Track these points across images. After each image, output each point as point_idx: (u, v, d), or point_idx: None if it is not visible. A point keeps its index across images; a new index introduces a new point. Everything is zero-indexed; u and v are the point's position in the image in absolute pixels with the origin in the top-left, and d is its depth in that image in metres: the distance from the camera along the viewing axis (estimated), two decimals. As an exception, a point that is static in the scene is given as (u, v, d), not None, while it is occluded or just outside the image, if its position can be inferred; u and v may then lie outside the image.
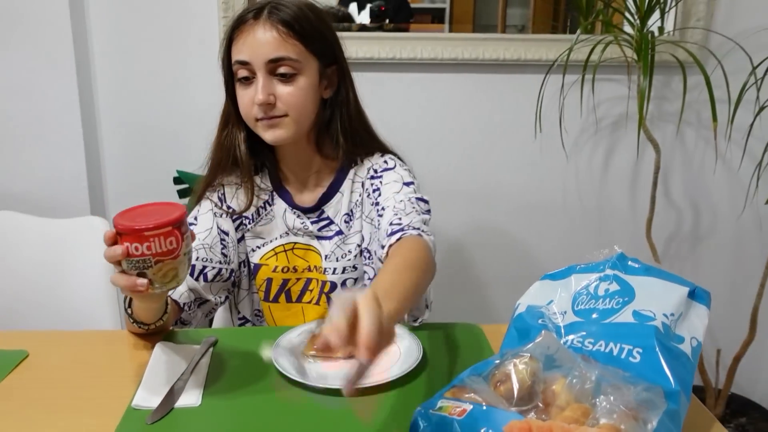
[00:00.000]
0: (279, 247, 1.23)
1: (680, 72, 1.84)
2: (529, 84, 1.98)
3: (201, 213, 1.20)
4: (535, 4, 2.06)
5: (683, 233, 2.14)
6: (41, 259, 1.46)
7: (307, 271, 1.24)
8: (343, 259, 1.22)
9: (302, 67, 1.10)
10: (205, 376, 0.95)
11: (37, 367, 0.99)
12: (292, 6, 1.10)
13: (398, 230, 1.05)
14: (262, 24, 1.08)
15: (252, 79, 1.10)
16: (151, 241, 0.82)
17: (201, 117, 2.02)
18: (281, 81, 1.10)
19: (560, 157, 2.06)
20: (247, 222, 1.23)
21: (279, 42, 1.08)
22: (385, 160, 1.23)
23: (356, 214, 1.23)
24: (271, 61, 1.08)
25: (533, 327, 0.87)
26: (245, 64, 1.09)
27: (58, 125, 1.94)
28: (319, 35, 1.12)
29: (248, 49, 1.09)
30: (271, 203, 1.24)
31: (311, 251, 1.24)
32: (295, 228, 1.23)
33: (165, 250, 0.83)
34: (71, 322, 1.40)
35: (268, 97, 1.09)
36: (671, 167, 2.08)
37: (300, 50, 1.09)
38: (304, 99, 1.12)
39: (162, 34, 1.98)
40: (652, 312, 0.81)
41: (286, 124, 1.12)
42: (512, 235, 2.14)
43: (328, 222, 1.23)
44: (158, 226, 0.82)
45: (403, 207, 1.12)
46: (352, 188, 1.23)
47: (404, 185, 1.18)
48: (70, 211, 1.94)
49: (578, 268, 0.94)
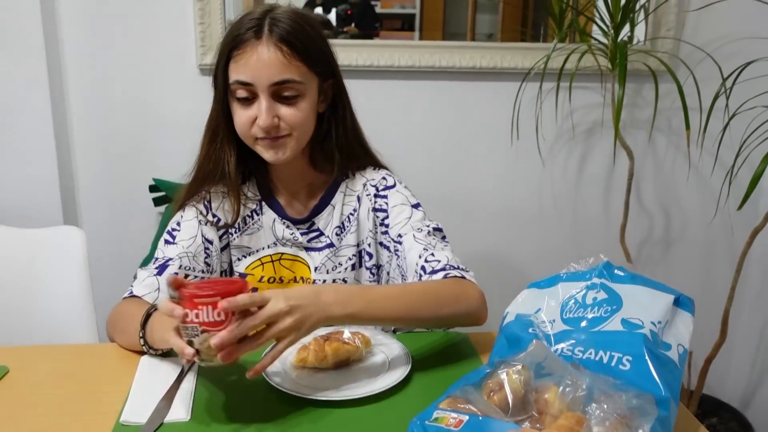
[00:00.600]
0: (266, 257, 1.22)
1: (651, 80, 1.88)
2: (503, 92, 2.01)
3: (185, 219, 1.18)
4: (504, 10, 2.08)
5: (655, 238, 2.19)
6: (13, 270, 1.43)
7: (294, 282, 1.23)
8: (333, 271, 1.22)
9: (305, 89, 1.09)
10: (193, 389, 0.94)
11: (18, 384, 0.97)
12: (290, 20, 1.07)
13: (440, 269, 1.08)
14: (265, 43, 1.05)
15: (252, 99, 1.08)
16: (200, 310, 0.80)
17: (175, 125, 2.02)
18: (284, 102, 1.08)
19: (536, 164, 2.08)
20: (233, 231, 1.21)
21: (283, 64, 1.05)
22: (383, 176, 1.23)
23: (349, 228, 1.22)
24: (276, 83, 1.06)
25: (523, 336, 0.88)
26: (247, 85, 1.07)
27: (30, 133, 1.90)
28: (320, 52, 1.11)
29: (251, 70, 1.06)
30: (259, 213, 1.22)
31: (298, 262, 1.23)
32: (284, 238, 1.22)
33: (212, 321, 0.81)
34: (47, 335, 1.37)
35: (273, 120, 1.07)
36: (643, 173, 2.12)
37: (303, 71, 1.08)
38: (306, 118, 1.11)
39: (136, 40, 1.95)
40: (640, 320, 0.83)
41: (288, 144, 1.11)
42: (488, 241, 2.16)
43: (318, 234, 1.22)
44: (208, 296, 0.81)
45: (429, 241, 1.13)
46: (344, 201, 1.22)
47: (413, 208, 1.19)
48: (41, 220, 1.90)
49: (565, 277, 0.95)
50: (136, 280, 1.13)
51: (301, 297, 0.87)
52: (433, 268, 1.09)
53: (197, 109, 1.99)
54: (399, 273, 1.16)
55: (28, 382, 0.98)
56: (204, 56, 1.94)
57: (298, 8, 1.13)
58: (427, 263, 1.10)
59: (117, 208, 2.06)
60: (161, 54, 1.96)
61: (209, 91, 1.96)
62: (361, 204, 1.22)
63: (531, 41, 2.06)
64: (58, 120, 1.93)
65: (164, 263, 1.12)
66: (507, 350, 0.90)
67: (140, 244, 1.90)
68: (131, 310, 1.05)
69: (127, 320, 1.05)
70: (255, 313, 0.83)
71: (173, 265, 1.11)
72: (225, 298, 0.81)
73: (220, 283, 0.84)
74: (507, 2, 2.04)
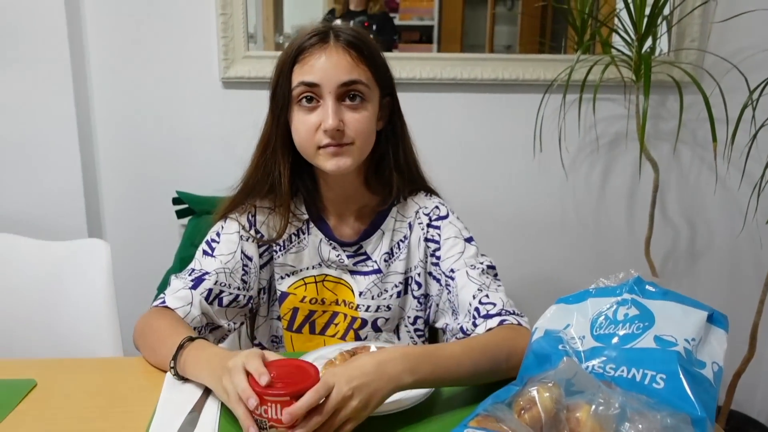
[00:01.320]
0: (310, 277, 1.20)
1: (675, 91, 1.87)
2: (524, 104, 2.00)
3: (226, 232, 1.15)
4: (523, 22, 2.07)
5: (680, 251, 2.16)
6: (39, 282, 1.43)
7: (335, 304, 1.21)
8: (379, 297, 1.19)
9: (370, 94, 1.07)
10: (220, 404, 0.94)
11: (46, 397, 0.97)
12: (355, 31, 1.07)
13: (495, 314, 1.05)
14: (333, 46, 1.04)
15: (315, 104, 1.06)
16: (269, 406, 0.79)
17: (198, 138, 2.04)
18: (349, 107, 1.06)
19: (558, 176, 2.07)
20: (277, 248, 1.19)
21: (352, 65, 1.04)
22: (437, 205, 1.20)
23: (398, 255, 1.19)
24: (344, 84, 1.04)
25: (553, 352, 0.87)
26: (313, 86, 1.05)
27: (55, 145, 1.93)
28: (382, 64, 1.10)
29: (319, 71, 1.04)
30: (305, 232, 1.19)
31: (341, 285, 1.20)
32: (329, 260, 1.19)
33: (279, 419, 0.79)
34: (71, 348, 1.38)
35: (338, 123, 1.04)
36: (667, 185, 2.09)
37: (369, 77, 1.07)
38: (369, 128, 1.08)
39: (160, 54, 1.97)
40: (674, 337, 0.81)
41: (351, 153, 1.07)
42: (510, 255, 2.14)
43: (365, 258, 1.19)
44: (279, 395, 0.79)
45: (483, 281, 1.10)
46: (394, 227, 1.19)
47: (466, 242, 1.16)
48: (66, 232, 1.91)
49: (594, 292, 0.94)
50: (169, 288, 1.11)
51: (364, 374, 0.83)
52: (488, 312, 1.06)
53: (220, 122, 2.03)
54: (449, 308, 1.13)
55: (57, 396, 0.98)
56: (227, 69, 1.96)
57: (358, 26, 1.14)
58: (481, 305, 1.07)
59: (140, 220, 2.08)
60: (185, 67, 1.98)
61: (232, 104, 2.01)
62: (413, 232, 1.19)
63: (550, 53, 2.05)
64: (83, 133, 1.95)
65: (200, 276, 1.11)
66: (536, 367, 0.88)
67: (163, 256, 1.90)
68: (163, 327, 1.03)
69: (157, 339, 1.03)
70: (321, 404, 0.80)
71: (209, 280, 1.10)
72: (293, 395, 0.78)
73: (292, 377, 0.81)
74: (526, 14, 2.04)
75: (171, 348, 0.97)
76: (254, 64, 1.96)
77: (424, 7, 2.07)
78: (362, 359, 0.87)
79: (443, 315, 1.17)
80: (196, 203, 1.92)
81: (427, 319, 1.22)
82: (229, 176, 1.19)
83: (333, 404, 0.80)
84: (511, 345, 0.99)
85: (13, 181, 1.94)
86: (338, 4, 2.03)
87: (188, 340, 0.97)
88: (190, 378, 0.97)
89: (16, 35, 1.85)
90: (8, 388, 0.98)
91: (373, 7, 2.04)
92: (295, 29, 2.06)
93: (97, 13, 1.93)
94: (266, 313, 1.24)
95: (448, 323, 1.14)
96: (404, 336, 1.23)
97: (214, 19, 1.92)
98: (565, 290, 0.98)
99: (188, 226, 1.90)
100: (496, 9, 2.07)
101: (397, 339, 1.23)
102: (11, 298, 1.42)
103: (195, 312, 1.08)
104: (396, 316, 1.21)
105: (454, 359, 0.94)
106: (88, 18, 1.93)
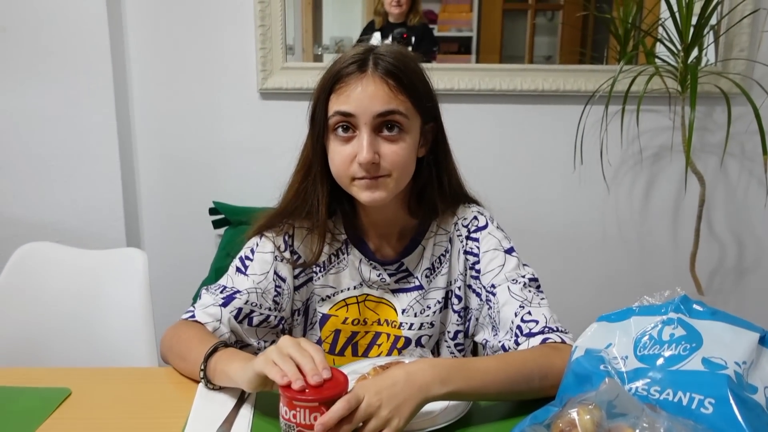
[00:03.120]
0: (351, 298, 1.17)
1: (722, 102, 1.81)
2: (564, 115, 1.96)
3: (260, 251, 1.13)
4: (563, 32, 2.04)
5: (727, 267, 2.09)
6: (77, 290, 1.45)
7: (377, 324, 1.18)
8: (421, 314, 1.16)
9: (409, 125, 1.03)
10: (251, 416, 0.93)
11: (80, 406, 0.97)
12: (396, 57, 1.03)
13: (538, 332, 1.02)
14: (371, 76, 1.01)
15: (351, 134, 1.03)
16: (298, 411, 0.79)
17: (236, 149, 2.05)
18: (386, 139, 1.02)
19: (600, 189, 2.02)
20: (317, 270, 1.16)
21: (390, 96, 1.00)
22: (475, 215, 1.17)
23: (439, 269, 1.16)
24: (380, 114, 1.01)
25: (594, 372, 0.83)
26: (348, 116, 1.02)
27: (96, 156, 1.96)
28: (426, 92, 1.07)
29: (355, 101, 1.01)
30: (344, 252, 1.16)
31: (383, 304, 1.17)
32: (370, 280, 1.16)
33: (308, 424, 0.79)
34: (107, 357, 1.39)
35: (373, 156, 1.01)
36: (714, 200, 2.03)
37: (408, 107, 1.03)
38: (408, 159, 1.05)
39: (199, 66, 1.99)
40: (723, 360, 0.77)
41: (386, 185, 1.04)
42: (549, 269, 2.09)
43: (407, 275, 1.17)
44: (309, 400, 0.79)
45: (525, 296, 1.07)
46: (435, 241, 1.16)
47: (506, 254, 1.12)
48: (105, 242, 1.95)
49: (637, 311, 0.90)
50: (199, 302, 1.10)
51: (393, 384, 0.83)
52: (530, 329, 1.02)
53: (257, 133, 2.04)
54: (489, 323, 1.10)
55: (90, 405, 0.98)
56: (265, 81, 1.97)
57: (402, 47, 1.09)
58: (523, 323, 1.03)
59: (177, 230, 2.10)
60: (223, 79, 2.00)
61: (269, 115, 2.02)
62: (453, 245, 1.16)
63: (590, 63, 2.01)
64: (123, 144, 1.99)
65: (231, 294, 1.09)
66: (575, 387, 0.85)
67: (199, 266, 1.92)
68: (192, 336, 1.03)
69: (186, 347, 1.02)
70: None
71: (239, 299, 1.08)
72: (322, 401, 0.79)
73: (321, 383, 0.81)
74: (567, 24, 2.00)
75: (201, 354, 0.97)
76: (292, 75, 1.97)
77: (463, 18, 2.05)
78: (392, 371, 0.86)
79: (483, 329, 1.13)
80: (233, 214, 1.93)
81: (467, 333, 1.19)
82: (266, 187, 1.18)
83: (362, 414, 0.80)
84: (550, 363, 0.96)
85: (55, 191, 1.98)
86: (378, 16, 2.03)
87: (222, 345, 0.97)
88: (219, 382, 0.96)
89: (60, 49, 1.89)
90: (43, 396, 0.99)
91: (413, 19, 2.03)
92: (334, 41, 2.07)
93: (138, 26, 1.97)
94: (302, 335, 1.21)
95: (488, 339, 1.10)
96: (444, 351, 1.19)
97: (253, 31, 1.94)
98: (606, 307, 0.95)
99: (224, 237, 1.91)
100: (536, 20, 2.05)
101: (436, 354, 1.20)
102: (49, 306, 1.44)
103: (224, 329, 1.07)
104: (437, 333, 1.18)
105: (488, 373, 0.91)
106: (130, 32, 1.97)
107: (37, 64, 1.89)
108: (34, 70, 1.89)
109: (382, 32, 2.06)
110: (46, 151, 1.95)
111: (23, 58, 1.88)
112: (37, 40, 1.87)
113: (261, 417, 0.93)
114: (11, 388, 1.01)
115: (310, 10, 2.03)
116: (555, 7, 2.08)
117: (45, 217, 1.98)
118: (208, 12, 1.96)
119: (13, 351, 1.38)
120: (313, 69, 1.99)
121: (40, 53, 1.88)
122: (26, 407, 0.96)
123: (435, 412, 0.92)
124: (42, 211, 1.98)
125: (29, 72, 1.89)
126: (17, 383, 1.03)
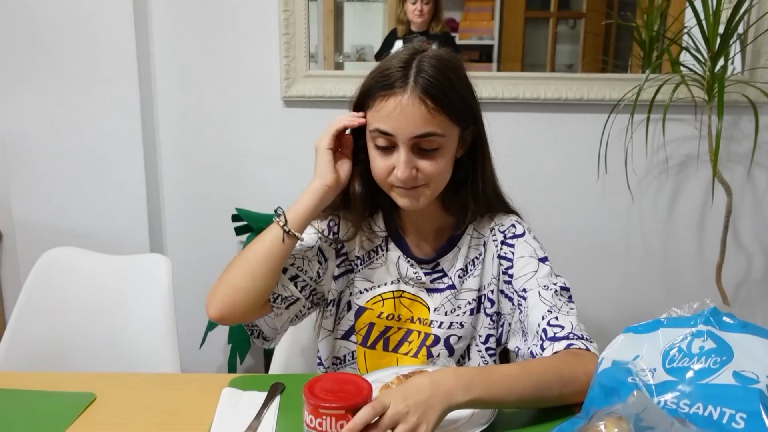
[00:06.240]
0: (388, 293, 1.20)
1: (749, 111, 1.79)
2: (588, 124, 1.95)
3: (306, 231, 1.14)
4: (585, 40, 2.02)
5: (754, 279, 2.06)
6: (101, 295, 1.47)
7: (410, 321, 1.20)
8: (452, 314, 1.18)
9: (446, 142, 1.06)
10: (275, 423, 0.93)
11: (105, 411, 0.98)
12: (438, 70, 1.03)
13: (563, 337, 1.03)
14: (410, 96, 1.02)
15: (391, 148, 1.06)
16: (323, 419, 0.80)
17: (259, 156, 2.06)
18: (423, 155, 1.05)
19: (624, 199, 2.00)
20: (358, 262, 1.20)
21: (426, 118, 1.02)
22: (513, 223, 1.19)
23: (472, 272, 1.19)
24: (417, 137, 1.03)
25: (621, 385, 0.82)
26: (387, 135, 1.05)
27: (121, 162, 1.98)
28: (465, 104, 1.08)
29: (393, 122, 1.03)
30: (384, 248, 1.20)
31: (417, 302, 1.20)
32: (407, 277, 1.19)
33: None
34: (130, 361, 1.40)
35: (411, 173, 1.05)
36: (741, 210, 2.00)
37: (445, 125, 1.04)
38: (445, 169, 1.08)
39: (223, 73, 2.01)
40: (755, 374, 0.76)
41: (424, 194, 1.08)
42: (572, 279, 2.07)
43: (442, 275, 1.19)
44: (333, 408, 0.80)
45: (554, 302, 1.08)
46: (470, 244, 1.19)
47: (540, 262, 1.14)
48: (128, 247, 1.96)
49: (666, 322, 0.89)
50: None
51: (419, 392, 0.84)
52: (555, 334, 1.04)
53: (280, 140, 2.05)
54: (520, 328, 1.12)
55: (115, 410, 0.99)
56: (288, 88, 1.98)
57: (445, 54, 1.08)
58: (549, 327, 1.04)
59: (200, 236, 2.11)
60: (247, 86, 2.01)
61: (292, 122, 2.02)
62: (487, 249, 1.18)
63: (613, 71, 2.00)
64: (147, 150, 2.00)
65: None
66: (602, 399, 0.84)
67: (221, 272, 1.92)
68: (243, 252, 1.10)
69: (240, 256, 1.10)
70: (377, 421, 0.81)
71: (288, 259, 1.11)
72: (348, 408, 0.79)
73: (345, 391, 0.82)
74: (590, 32, 1.99)
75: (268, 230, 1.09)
76: (315, 83, 1.98)
77: (484, 26, 2.05)
78: (416, 378, 0.88)
79: (515, 336, 1.15)
80: (255, 220, 1.94)
81: (499, 339, 1.20)
82: (288, 194, 1.18)
83: (388, 421, 0.81)
84: (571, 370, 0.96)
85: (80, 196, 2.00)
86: (400, 24, 2.03)
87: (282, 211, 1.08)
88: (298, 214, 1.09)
89: (87, 55, 1.91)
90: (68, 400, 1.00)
91: (435, 27, 2.03)
92: (355, 49, 2.07)
93: (164, 35, 1.99)
94: (331, 328, 1.23)
95: (519, 347, 1.12)
96: (475, 356, 1.21)
97: (277, 39, 1.95)
98: (630, 319, 0.94)
99: (246, 243, 1.91)
100: (558, 28, 2.04)
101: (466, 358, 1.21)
102: (73, 311, 1.46)
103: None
104: (468, 335, 1.19)
105: (511, 380, 0.92)
106: (156, 40, 1.99)
107: (65, 71, 1.91)
108: (61, 77, 1.92)
109: (404, 41, 2.06)
110: (72, 157, 1.97)
111: (51, 65, 1.91)
112: (65, 48, 1.90)
113: (284, 424, 0.93)
114: (37, 392, 1.03)
115: (332, 18, 2.03)
116: (577, 15, 2.07)
117: (70, 222, 2.00)
118: (232, 20, 1.97)
119: (38, 355, 1.39)
120: (336, 77, 2.00)
121: (67, 61, 1.91)
122: (52, 411, 0.97)
123: (460, 421, 0.91)
124: (67, 216, 2.00)
125: (57, 79, 1.92)
126: (42, 387, 1.04)
